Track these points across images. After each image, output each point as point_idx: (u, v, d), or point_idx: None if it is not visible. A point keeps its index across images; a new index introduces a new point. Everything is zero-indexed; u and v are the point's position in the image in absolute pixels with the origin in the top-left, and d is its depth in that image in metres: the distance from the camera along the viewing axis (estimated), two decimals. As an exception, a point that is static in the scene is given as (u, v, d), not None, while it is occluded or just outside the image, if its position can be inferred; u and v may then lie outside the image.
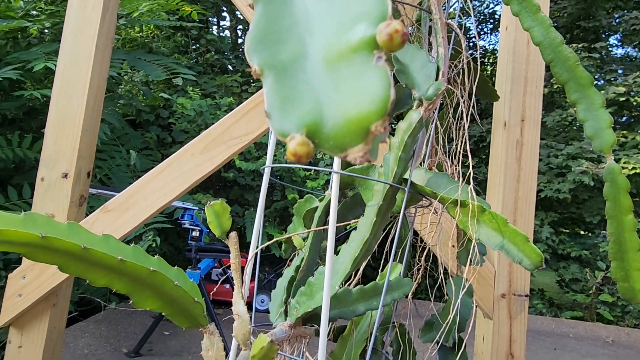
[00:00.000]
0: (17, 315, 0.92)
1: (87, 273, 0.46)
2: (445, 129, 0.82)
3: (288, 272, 0.72)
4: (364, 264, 0.66)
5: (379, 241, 0.61)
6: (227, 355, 0.68)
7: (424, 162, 0.77)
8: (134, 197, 0.95)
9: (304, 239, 0.78)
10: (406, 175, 0.60)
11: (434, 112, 0.69)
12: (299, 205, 0.85)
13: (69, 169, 0.97)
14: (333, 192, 0.57)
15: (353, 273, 0.78)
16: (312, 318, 0.62)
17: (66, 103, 0.98)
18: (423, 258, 0.78)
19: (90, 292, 2.18)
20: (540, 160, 3.77)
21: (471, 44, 6.15)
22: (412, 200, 0.63)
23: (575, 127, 5.54)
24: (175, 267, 0.52)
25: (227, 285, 2.79)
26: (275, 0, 0.21)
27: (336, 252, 0.62)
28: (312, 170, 3.33)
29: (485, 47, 7.92)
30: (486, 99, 0.99)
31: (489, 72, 6.54)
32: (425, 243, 0.85)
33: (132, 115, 3.02)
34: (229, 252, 1.26)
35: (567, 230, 5.48)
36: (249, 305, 2.63)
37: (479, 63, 0.76)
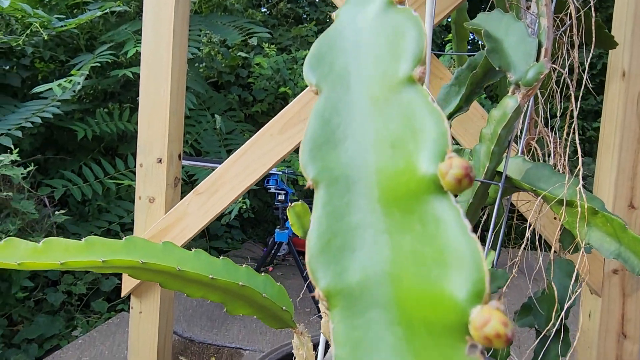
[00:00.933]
0: (135, 286, 1.04)
1: (184, 288, 0.49)
2: (548, 98, 0.72)
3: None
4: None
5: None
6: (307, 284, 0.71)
7: (520, 138, 0.69)
8: (221, 180, 0.99)
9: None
10: (500, 168, 0.54)
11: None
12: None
13: (162, 154, 1.04)
14: None
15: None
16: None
17: (153, 90, 1.03)
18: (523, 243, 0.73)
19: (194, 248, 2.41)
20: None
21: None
22: (507, 192, 0.57)
23: None
24: (263, 274, 0.54)
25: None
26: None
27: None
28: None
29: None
30: (600, 48, 0.84)
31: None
32: (517, 219, 0.79)
33: (214, 77, 3.12)
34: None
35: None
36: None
37: (592, 5, 0.64)
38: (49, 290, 1.67)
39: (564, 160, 0.65)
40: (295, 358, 0.58)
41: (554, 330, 0.70)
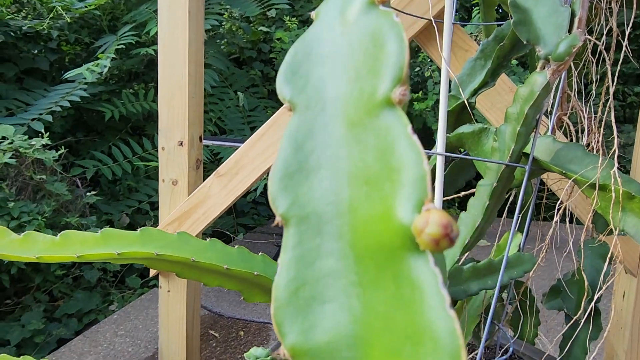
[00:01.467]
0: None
1: (201, 278, 0.49)
2: (582, 69, 0.67)
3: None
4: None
5: (492, 222, 0.55)
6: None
7: (551, 114, 0.65)
8: (242, 161, 0.99)
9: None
10: (527, 149, 0.51)
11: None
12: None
13: (182, 137, 1.04)
14: (438, 176, 0.51)
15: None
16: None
17: (171, 74, 1.02)
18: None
19: (220, 225, 2.46)
20: None
21: None
22: (535, 174, 0.54)
23: None
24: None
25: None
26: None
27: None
28: (420, 92, 3.13)
29: None
30: None
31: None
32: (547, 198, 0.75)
33: (236, 53, 3.09)
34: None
35: None
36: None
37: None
38: (85, 268, 1.75)
39: (599, 137, 0.61)
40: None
41: (585, 315, 0.68)
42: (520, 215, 0.70)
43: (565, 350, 0.67)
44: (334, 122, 0.15)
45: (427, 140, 3.41)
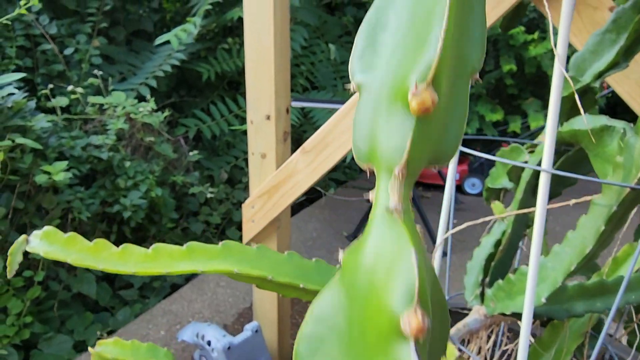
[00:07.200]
0: (254, 235, 1.13)
1: (279, 290, 0.50)
2: None
3: (486, 244, 0.64)
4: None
5: (607, 246, 0.47)
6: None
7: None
8: (327, 138, 0.97)
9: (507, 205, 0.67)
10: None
11: None
12: (502, 154, 0.72)
13: (269, 111, 1.04)
14: (540, 194, 0.44)
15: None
16: (512, 314, 0.55)
17: (257, 47, 1.01)
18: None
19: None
20: None
21: None
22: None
23: None
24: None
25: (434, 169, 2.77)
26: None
27: (545, 252, 0.51)
28: (536, 33, 2.74)
29: None
30: None
31: None
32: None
33: (328, -1, 2.97)
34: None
35: None
36: (458, 187, 2.61)
37: None
38: (191, 220, 1.93)
39: None
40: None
41: None
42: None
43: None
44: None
45: (541, 85, 3.02)
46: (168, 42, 2.00)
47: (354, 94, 0.26)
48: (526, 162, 0.66)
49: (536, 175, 0.62)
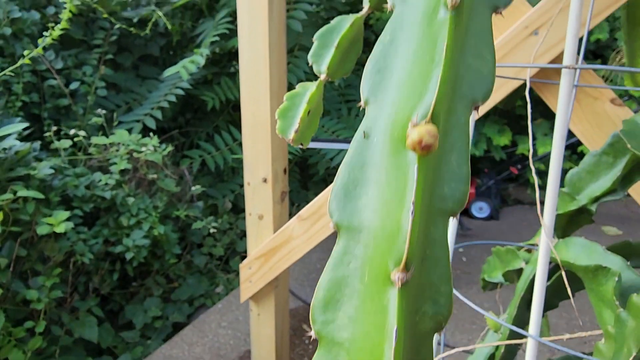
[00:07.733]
0: (252, 295, 1.12)
1: None
2: None
3: (480, 355, 0.63)
4: None
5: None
6: None
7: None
8: (323, 209, 0.96)
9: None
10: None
11: None
12: (497, 253, 0.70)
13: (266, 174, 1.03)
14: (538, 277, 0.42)
15: None
16: None
17: (254, 110, 1.00)
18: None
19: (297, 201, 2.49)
20: None
21: None
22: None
23: None
24: None
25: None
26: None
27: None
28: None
29: None
30: None
31: None
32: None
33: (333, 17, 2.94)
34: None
35: None
36: (465, 211, 2.54)
37: None
38: (195, 253, 1.93)
39: None
40: None
41: None
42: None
43: None
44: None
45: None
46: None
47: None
48: (521, 270, 0.64)
49: (530, 289, 0.60)
